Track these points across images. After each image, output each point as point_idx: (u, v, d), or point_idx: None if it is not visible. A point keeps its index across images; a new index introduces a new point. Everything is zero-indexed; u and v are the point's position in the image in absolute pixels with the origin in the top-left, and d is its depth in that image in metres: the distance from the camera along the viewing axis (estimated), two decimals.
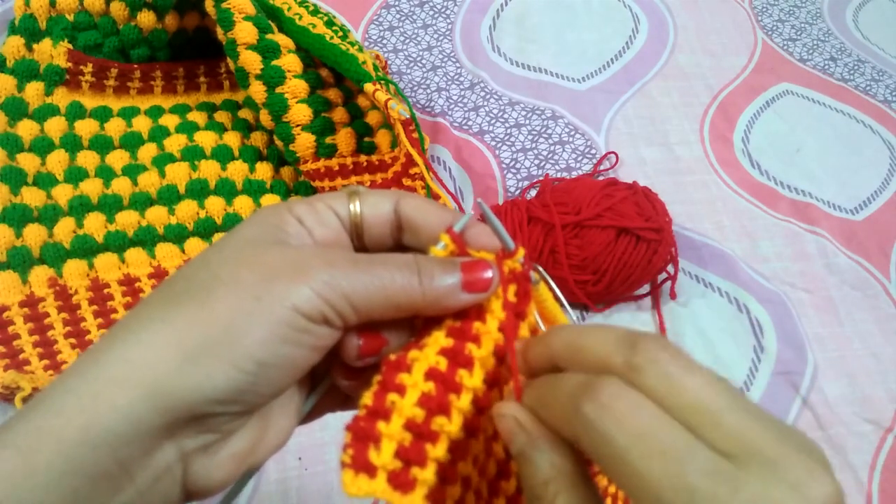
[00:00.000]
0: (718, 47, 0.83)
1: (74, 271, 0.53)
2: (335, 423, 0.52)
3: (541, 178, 0.67)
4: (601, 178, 0.67)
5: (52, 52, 0.59)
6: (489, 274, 0.25)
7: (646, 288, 0.60)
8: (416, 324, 0.26)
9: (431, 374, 0.23)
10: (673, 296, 0.60)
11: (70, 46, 0.60)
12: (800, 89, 0.79)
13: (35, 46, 0.59)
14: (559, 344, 0.24)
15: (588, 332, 0.23)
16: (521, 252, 0.26)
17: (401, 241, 0.27)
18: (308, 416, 0.27)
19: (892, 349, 0.59)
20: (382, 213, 0.26)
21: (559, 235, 0.55)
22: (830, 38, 0.85)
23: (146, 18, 0.62)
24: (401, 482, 0.21)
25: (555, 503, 0.21)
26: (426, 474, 0.22)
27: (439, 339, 0.24)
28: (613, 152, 0.70)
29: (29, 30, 0.58)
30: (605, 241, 0.55)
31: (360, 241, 0.27)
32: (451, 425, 0.23)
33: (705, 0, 0.87)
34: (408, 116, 0.57)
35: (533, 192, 0.67)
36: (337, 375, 0.26)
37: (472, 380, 0.24)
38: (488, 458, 0.27)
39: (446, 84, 0.75)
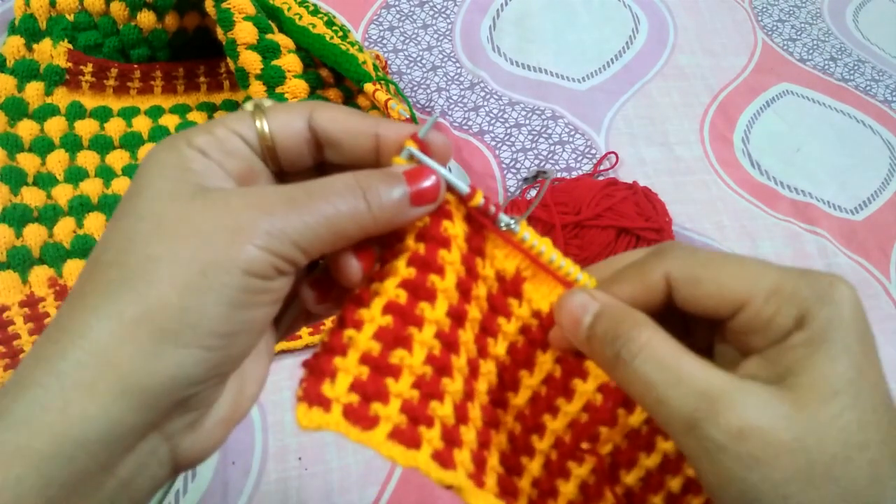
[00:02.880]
0: (718, 47, 0.82)
1: (74, 271, 0.53)
2: None
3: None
4: (601, 178, 0.67)
5: (52, 52, 0.59)
6: (433, 180, 0.23)
7: None
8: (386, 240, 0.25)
9: (390, 308, 0.22)
10: None
11: (70, 46, 0.60)
12: (800, 89, 0.79)
13: (35, 46, 0.59)
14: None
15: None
16: (479, 195, 0.25)
17: (322, 158, 0.25)
18: (284, 334, 0.27)
19: (892, 349, 0.59)
20: (295, 130, 0.24)
21: (559, 235, 0.55)
22: (830, 38, 0.85)
23: (146, 18, 0.62)
24: (359, 417, 0.21)
25: (637, 356, 0.22)
26: (389, 410, 0.21)
27: (400, 269, 0.23)
28: (613, 152, 0.70)
29: (29, 30, 0.58)
30: (605, 241, 0.55)
31: (276, 163, 0.24)
32: (412, 358, 0.22)
33: (705, 0, 0.87)
34: (408, 116, 0.57)
35: (533, 192, 0.67)
36: (311, 299, 0.25)
37: (435, 312, 0.23)
38: (471, 398, 0.26)
39: (446, 84, 0.75)
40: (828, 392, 0.20)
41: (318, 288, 0.25)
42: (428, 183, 0.23)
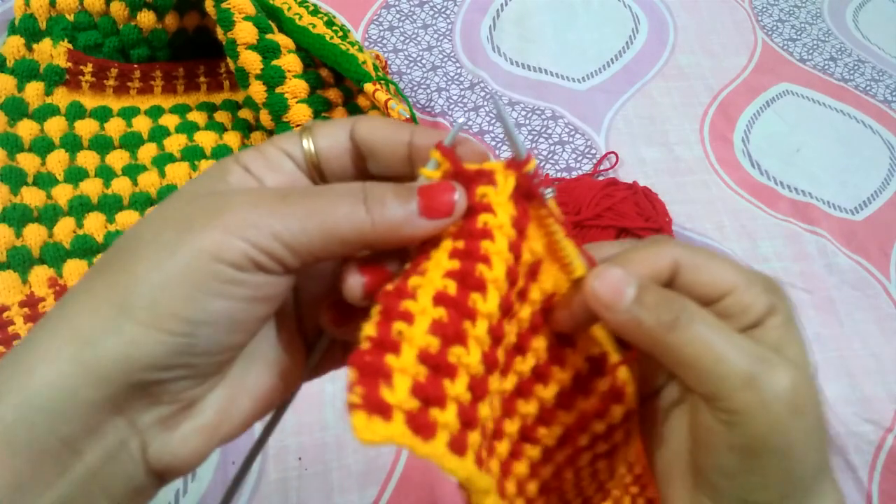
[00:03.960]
0: (718, 47, 0.83)
1: (74, 271, 0.53)
2: (335, 424, 0.52)
3: (541, 179, 0.67)
4: (601, 178, 0.67)
5: (52, 52, 0.59)
6: (455, 197, 0.22)
7: None
8: (412, 249, 0.23)
9: (440, 299, 0.20)
10: None
11: (70, 46, 0.60)
12: (800, 89, 0.79)
13: (35, 46, 0.59)
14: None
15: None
16: (533, 163, 0.22)
17: (366, 170, 0.25)
18: (312, 373, 0.26)
19: (892, 349, 0.59)
20: (339, 144, 0.24)
21: None
22: (830, 38, 0.85)
23: (146, 18, 0.62)
24: (420, 425, 0.18)
25: (694, 319, 0.22)
26: (447, 416, 0.18)
27: (442, 261, 0.21)
28: (613, 152, 0.70)
29: (29, 30, 0.58)
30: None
31: (323, 179, 0.25)
32: (469, 357, 0.19)
33: (705, 0, 0.87)
34: (408, 116, 0.57)
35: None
36: (327, 322, 0.24)
37: (487, 305, 0.20)
38: (506, 398, 0.24)
39: (446, 84, 0.75)
40: (803, 363, 0.24)
41: (337, 310, 0.24)
42: (444, 198, 0.22)
